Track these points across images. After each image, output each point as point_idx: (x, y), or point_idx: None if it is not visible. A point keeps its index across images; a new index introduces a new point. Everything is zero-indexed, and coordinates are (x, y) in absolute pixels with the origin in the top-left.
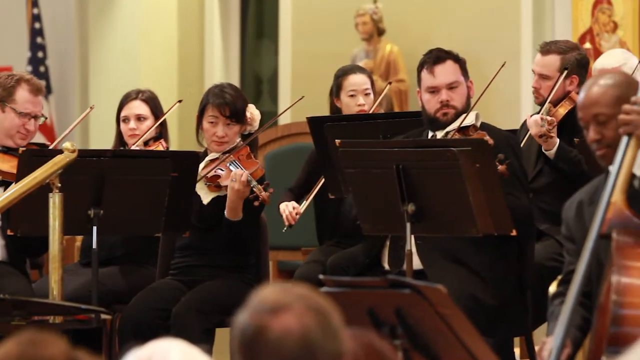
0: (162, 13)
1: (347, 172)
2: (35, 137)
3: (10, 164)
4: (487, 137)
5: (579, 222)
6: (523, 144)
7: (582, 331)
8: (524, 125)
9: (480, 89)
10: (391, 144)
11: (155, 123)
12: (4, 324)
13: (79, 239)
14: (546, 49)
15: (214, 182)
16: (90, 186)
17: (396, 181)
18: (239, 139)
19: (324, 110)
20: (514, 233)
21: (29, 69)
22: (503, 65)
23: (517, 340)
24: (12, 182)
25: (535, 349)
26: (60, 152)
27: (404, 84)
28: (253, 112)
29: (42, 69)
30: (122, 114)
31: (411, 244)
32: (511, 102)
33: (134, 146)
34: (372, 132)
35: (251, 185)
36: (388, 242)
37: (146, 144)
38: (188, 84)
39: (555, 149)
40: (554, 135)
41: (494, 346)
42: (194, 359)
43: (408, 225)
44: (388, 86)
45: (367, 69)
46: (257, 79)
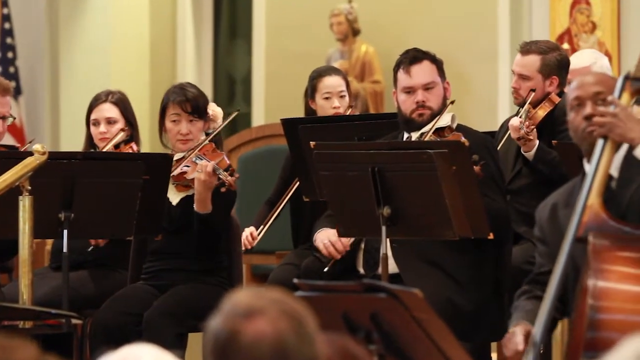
0: (133, 13)
1: (322, 175)
2: (4, 138)
3: None
4: (464, 139)
5: (553, 224)
6: (502, 145)
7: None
8: (503, 126)
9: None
10: (366, 146)
11: (125, 125)
12: None
13: (50, 243)
14: (526, 49)
15: (181, 181)
16: (60, 189)
17: (371, 184)
18: (202, 137)
19: (298, 111)
20: (491, 236)
21: None
22: (452, 102)
23: (494, 345)
24: None
25: None
26: (30, 154)
27: (379, 85)
28: (215, 109)
29: (11, 69)
30: (92, 116)
31: (387, 248)
32: (488, 103)
33: (104, 149)
34: (347, 134)
35: (217, 173)
36: (363, 246)
37: (117, 147)
38: (160, 84)
39: (534, 150)
40: (533, 138)
41: (471, 351)
42: None
43: (384, 228)
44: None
45: (342, 69)
46: (231, 80)
